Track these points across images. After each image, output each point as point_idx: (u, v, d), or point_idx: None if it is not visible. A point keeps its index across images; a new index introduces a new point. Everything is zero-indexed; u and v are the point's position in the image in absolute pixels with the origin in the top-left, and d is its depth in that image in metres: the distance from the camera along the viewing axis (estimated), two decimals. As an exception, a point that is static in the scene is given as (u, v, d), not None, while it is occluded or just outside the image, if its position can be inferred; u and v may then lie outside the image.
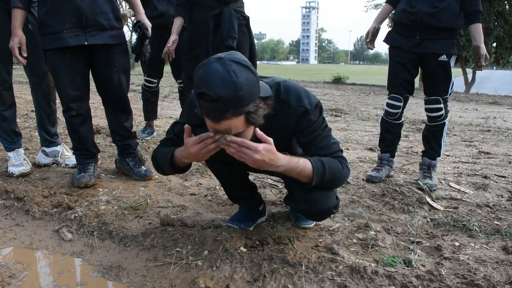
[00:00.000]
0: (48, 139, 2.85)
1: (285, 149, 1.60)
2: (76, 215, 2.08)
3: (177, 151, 1.65)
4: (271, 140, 1.46)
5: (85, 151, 2.57)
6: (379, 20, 2.91)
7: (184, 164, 1.70)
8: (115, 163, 2.87)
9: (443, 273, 1.55)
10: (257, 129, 1.45)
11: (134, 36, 2.84)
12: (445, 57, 2.66)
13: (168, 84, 10.53)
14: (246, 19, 3.14)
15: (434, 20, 2.61)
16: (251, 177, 2.51)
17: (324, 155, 1.62)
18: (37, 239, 1.97)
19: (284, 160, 1.51)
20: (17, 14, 2.25)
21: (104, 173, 2.77)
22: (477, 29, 2.64)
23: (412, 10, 2.66)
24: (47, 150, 2.85)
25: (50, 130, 2.85)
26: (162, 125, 4.60)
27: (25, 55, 2.26)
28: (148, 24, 2.58)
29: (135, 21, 2.63)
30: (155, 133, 4.05)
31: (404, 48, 2.75)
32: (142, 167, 2.72)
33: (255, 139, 1.45)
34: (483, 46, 2.62)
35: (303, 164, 1.55)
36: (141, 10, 2.60)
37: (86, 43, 2.34)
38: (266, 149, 1.44)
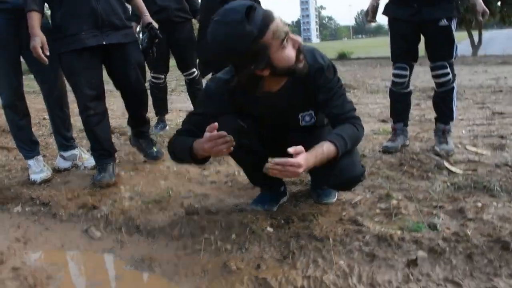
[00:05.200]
0: (65, 143, 2.89)
1: (312, 107, 1.79)
2: (102, 213, 2.13)
3: (196, 143, 1.67)
4: (301, 147, 1.54)
5: (103, 150, 2.62)
6: None
7: (202, 156, 1.72)
8: (129, 141, 3.09)
9: (469, 233, 1.57)
10: (288, 149, 1.51)
11: (140, 36, 2.96)
12: (446, 21, 2.63)
13: (174, 78, 10.54)
14: (258, 1, 3.17)
15: None
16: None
17: (338, 114, 1.72)
18: (68, 240, 2.02)
19: (313, 158, 1.58)
20: (34, 16, 2.31)
21: (123, 171, 2.81)
22: None
23: None
24: (65, 154, 2.90)
25: (66, 134, 2.89)
26: (173, 118, 4.64)
27: (47, 53, 2.31)
28: (156, 25, 2.70)
29: (143, 23, 2.74)
30: (167, 127, 4.09)
31: (403, 18, 2.73)
32: (154, 148, 2.97)
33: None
34: (479, 1, 2.60)
35: (327, 149, 1.62)
36: (147, 13, 2.71)
37: (104, 43, 2.44)
38: (304, 159, 1.52)
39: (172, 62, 3.98)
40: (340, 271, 1.49)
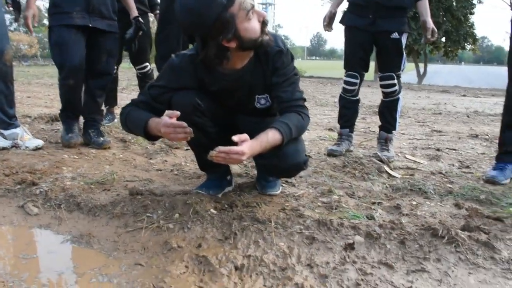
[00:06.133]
0: (6, 121, 2.77)
1: (266, 92, 1.83)
2: (41, 190, 2.05)
3: (152, 121, 1.68)
4: (245, 135, 1.57)
5: (72, 113, 2.98)
6: (335, 5, 3.05)
7: (155, 134, 1.73)
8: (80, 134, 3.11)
9: (404, 222, 1.66)
10: (233, 137, 1.54)
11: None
12: (397, 34, 2.80)
13: (125, 77, 10.37)
14: None
15: (385, 0, 2.74)
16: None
17: (288, 99, 1.78)
18: (0, 216, 1.93)
19: (258, 146, 1.62)
20: None
21: (67, 154, 2.73)
22: (424, 5, 2.83)
23: None
24: (5, 132, 2.77)
25: (8, 111, 2.77)
26: (122, 113, 4.55)
27: (36, 24, 2.76)
28: (141, 20, 3.14)
29: (131, 17, 3.14)
30: (116, 120, 4.02)
31: (358, 28, 2.88)
32: (101, 137, 3.02)
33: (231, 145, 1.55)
34: (429, 20, 2.80)
35: (272, 136, 1.66)
36: (135, 9, 3.13)
37: (90, 25, 2.80)
38: (248, 148, 1.56)
39: (123, 64, 3.95)
40: (280, 251, 1.52)
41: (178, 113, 1.59)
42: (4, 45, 2.65)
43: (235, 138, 1.55)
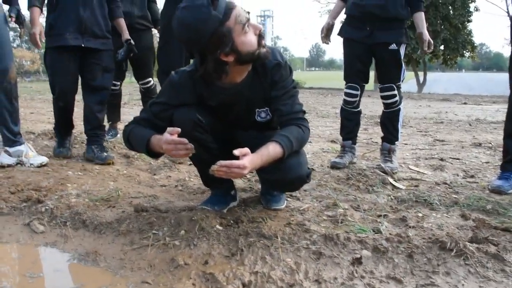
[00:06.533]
0: (11, 138, 2.78)
1: (266, 105, 1.83)
2: (47, 207, 2.05)
3: (154, 139, 1.70)
4: (246, 149, 1.58)
5: (63, 128, 3.15)
6: (333, 16, 3.07)
7: (158, 151, 1.74)
8: (84, 155, 3.14)
9: (411, 235, 1.65)
10: (234, 151, 1.55)
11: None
12: (395, 45, 2.82)
13: (127, 92, 10.40)
14: None
15: (382, 11, 2.77)
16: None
17: (288, 112, 1.79)
18: (7, 234, 1.93)
19: (259, 159, 1.63)
20: (36, 11, 2.89)
21: (71, 171, 2.73)
22: (420, 17, 2.85)
23: (361, 3, 2.82)
24: (10, 150, 2.78)
25: (13, 129, 2.78)
26: (125, 127, 4.57)
27: (43, 40, 2.90)
28: (133, 42, 3.23)
29: (123, 39, 3.22)
30: (119, 135, 4.03)
31: (356, 40, 2.89)
32: (104, 153, 3.04)
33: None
34: (425, 32, 2.81)
35: (273, 150, 1.66)
36: (127, 31, 3.23)
37: (82, 45, 2.90)
38: (249, 161, 1.57)
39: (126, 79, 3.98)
40: (287, 267, 1.52)
41: (179, 129, 1.60)
42: (9, 63, 2.69)
43: (236, 152, 1.55)
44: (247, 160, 1.56)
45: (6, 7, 2.81)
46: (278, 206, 2.10)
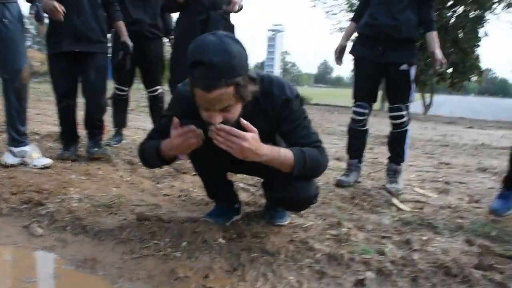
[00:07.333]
0: (17, 138, 2.77)
1: (269, 141, 1.64)
2: (47, 211, 2.04)
3: (164, 143, 1.69)
4: (256, 129, 1.52)
5: (70, 135, 3.24)
6: (346, 38, 3.08)
7: (170, 155, 1.74)
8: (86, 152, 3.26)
9: (415, 259, 1.62)
10: (242, 119, 1.49)
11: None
12: (406, 66, 2.81)
13: (134, 98, 10.43)
14: (232, 27, 3.24)
15: (395, 32, 2.76)
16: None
17: (304, 144, 1.69)
18: (4, 235, 1.90)
19: (268, 150, 1.56)
20: None
21: (74, 174, 2.72)
22: (432, 37, 2.84)
23: (374, 23, 2.81)
24: (15, 150, 2.77)
25: (20, 129, 2.78)
26: (131, 134, 4.56)
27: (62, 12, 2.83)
28: (130, 44, 3.29)
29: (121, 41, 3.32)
30: (124, 141, 4.02)
31: (368, 59, 2.88)
32: (96, 148, 3.20)
33: (239, 128, 1.49)
34: (438, 51, 2.80)
35: (285, 153, 1.61)
36: (126, 33, 3.30)
37: (77, 50, 3.03)
38: (253, 138, 1.50)
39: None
40: (289, 286, 1.49)
41: (177, 120, 1.58)
42: (22, 64, 2.71)
43: (243, 120, 1.50)
44: (251, 136, 1.49)
45: (24, 6, 2.84)
46: (282, 222, 2.07)
